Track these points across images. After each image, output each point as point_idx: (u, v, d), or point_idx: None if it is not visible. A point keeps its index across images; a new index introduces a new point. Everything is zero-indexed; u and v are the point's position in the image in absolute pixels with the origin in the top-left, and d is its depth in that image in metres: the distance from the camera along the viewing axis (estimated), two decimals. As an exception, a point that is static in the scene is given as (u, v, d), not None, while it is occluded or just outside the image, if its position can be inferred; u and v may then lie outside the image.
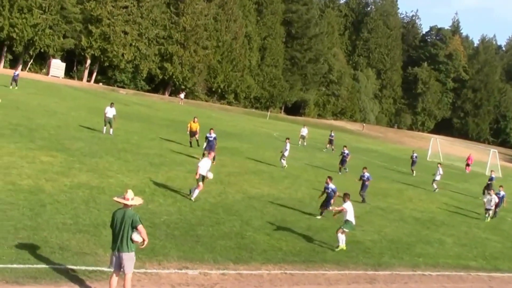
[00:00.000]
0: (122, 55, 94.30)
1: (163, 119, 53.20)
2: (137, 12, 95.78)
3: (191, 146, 35.53)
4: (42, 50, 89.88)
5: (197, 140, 35.74)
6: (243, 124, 65.89)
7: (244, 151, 39.76)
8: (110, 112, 34.43)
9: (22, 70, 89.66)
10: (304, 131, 54.76)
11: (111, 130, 34.24)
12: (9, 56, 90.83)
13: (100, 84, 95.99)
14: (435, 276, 17.70)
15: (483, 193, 37.95)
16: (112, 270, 11.10)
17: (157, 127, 43.90)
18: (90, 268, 12.54)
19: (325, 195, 22.86)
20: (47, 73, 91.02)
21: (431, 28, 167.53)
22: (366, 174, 28.33)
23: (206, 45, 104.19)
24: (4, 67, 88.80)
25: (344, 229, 18.00)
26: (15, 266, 11.85)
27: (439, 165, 39.29)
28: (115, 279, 11.02)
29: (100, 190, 19.62)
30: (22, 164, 21.17)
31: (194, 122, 35.83)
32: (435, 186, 38.07)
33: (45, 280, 11.53)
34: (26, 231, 14.06)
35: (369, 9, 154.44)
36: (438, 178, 38.05)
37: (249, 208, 21.63)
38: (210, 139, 32.20)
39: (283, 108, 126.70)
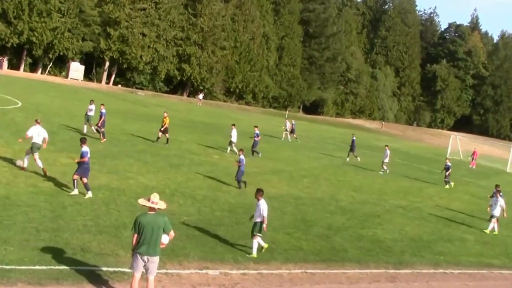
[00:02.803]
0: (141, 56, 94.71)
1: (182, 120, 53.34)
2: (155, 14, 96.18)
3: (157, 141, 33.83)
4: (61, 53, 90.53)
5: (167, 138, 33.88)
6: (262, 124, 65.76)
7: (263, 151, 39.68)
8: (91, 110, 33.46)
9: (41, 73, 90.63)
10: (287, 124, 53.84)
11: (93, 128, 33.06)
12: (29, 60, 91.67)
13: (119, 86, 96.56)
14: (457, 274, 17.55)
15: (445, 183, 37.89)
16: (134, 272, 11.09)
17: (176, 128, 43.99)
18: (112, 269, 12.61)
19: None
20: (67, 76, 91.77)
21: (450, 25, 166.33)
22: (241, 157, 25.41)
23: (224, 46, 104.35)
24: (24, 70, 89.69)
25: (257, 234, 15.61)
26: (37, 267, 11.95)
27: (386, 147, 40.10)
28: (138, 281, 11.08)
29: (120, 192, 19.73)
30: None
31: (165, 117, 34.11)
32: (385, 168, 39.17)
33: (67, 281, 11.61)
34: (47, 233, 14.18)
35: (386, 7, 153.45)
36: (386, 160, 39.22)
37: (269, 207, 21.51)
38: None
39: (301, 107, 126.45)
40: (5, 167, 20.44)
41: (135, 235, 10.96)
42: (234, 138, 35.35)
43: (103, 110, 32.40)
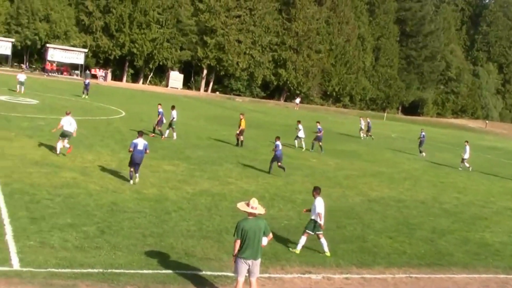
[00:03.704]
0: (237, 63, 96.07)
1: (279, 124, 53.59)
2: (250, 21, 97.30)
3: (237, 145, 34.21)
4: (161, 63, 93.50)
5: (241, 141, 34.08)
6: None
7: (362, 154, 39.29)
8: (175, 114, 34.04)
9: (143, 83, 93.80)
10: (362, 122, 53.55)
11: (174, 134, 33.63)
12: (131, 71, 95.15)
13: (217, 93, 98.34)
14: None
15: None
16: (237, 277, 11.19)
17: (274, 133, 44.19)
18: (215, 273, 12.79)
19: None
20: (167, 85, 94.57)
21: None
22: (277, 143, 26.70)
23: (319, 49, 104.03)
24: (126, 81, 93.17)
25: (308, 231, 15.22)
26: (144, 271, 12.30)
27: (466, 143, 38.86)
28: (242, 286, 11.19)
29: (221, 197, 20.06)
30: (147, 174, 22.00)
31: (241, 119, 34.21)
32: (467, 165, 37.87)
33: (173, 285, 11.88)
34: (153, 238, 14.58)
35: (487, 1, 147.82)
36: (466, 156, 38.02)
37: (370, 211, 21.30)
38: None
39: (400, 108, 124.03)
40: (112, 174, 21.24)
41: (238, 241, 11.04)
42: (301, 134, 37.01)
43: (160, 110, 33.46)
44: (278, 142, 26.59)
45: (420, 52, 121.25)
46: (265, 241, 11.29)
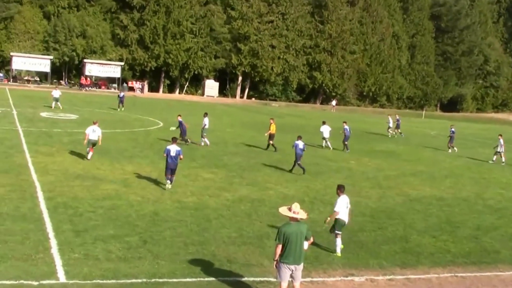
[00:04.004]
0: (272, 68, 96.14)
1: (315, 127, 53.36)
2: (283, 25, 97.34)
3: (267, 149, 34.36)
4: (196, 72, 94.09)
5: (273, 145, 34.05)
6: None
7: (401, 153, 38.91)
8: (206, 121, 34.48)
9: (179, 93, 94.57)
10: (390, 120, 52.84)
11: (207, 141, 34.08)
12: (167, 81, 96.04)
13: (253, 99, 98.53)
14: None
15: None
16: (281, 282, 11.18)
17: (311, 136, 44.11)
18: (258, 279, 12.82)
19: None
20: (203, 94, 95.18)
21: None
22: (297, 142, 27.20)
23: (353, 50, 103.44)
24: (163, 92, 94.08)
25: (337, 232, 15.23)
26: (188, 279, 12.40)
27: (499, 136, 38.46)
28: None
29: (261, 202, 20.09)
30: (186, 183, 22.22)
31: (271, 124, 34.55)
32: (494, 158, 38.11)
33: (216, 292, 11.96)
34: (195, 246, 14.69)
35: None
36: (502, 150, 37.91)
37: (411, 210, 21.08)
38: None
39: (438, 105, 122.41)
40: (152, 185, 21.48)
41: (279, 245, 11.03)
42: (326, 134, 37.90)
43: (180, 120, 34.20)
44: (297, 142, 27.01)
45: (457, 47, 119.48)
46: (305, 245, 11.30)
